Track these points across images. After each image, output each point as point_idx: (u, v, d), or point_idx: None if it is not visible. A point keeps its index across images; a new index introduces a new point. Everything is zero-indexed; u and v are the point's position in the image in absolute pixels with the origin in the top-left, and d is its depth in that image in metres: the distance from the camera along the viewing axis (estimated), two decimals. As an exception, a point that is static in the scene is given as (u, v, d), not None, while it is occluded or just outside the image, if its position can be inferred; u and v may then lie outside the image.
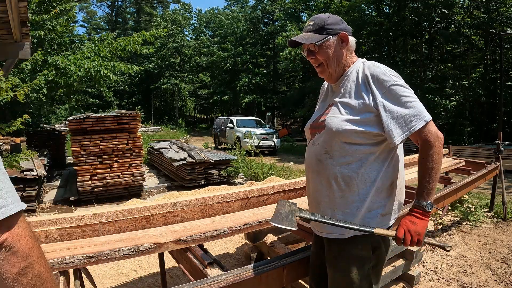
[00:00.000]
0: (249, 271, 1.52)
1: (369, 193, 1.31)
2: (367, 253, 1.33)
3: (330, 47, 1.38)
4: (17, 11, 3.51)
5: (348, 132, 1.29)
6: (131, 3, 42.47)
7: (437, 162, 1.25)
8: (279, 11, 26.66)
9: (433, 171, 1.25)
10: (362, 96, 1.29)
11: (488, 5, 13.79)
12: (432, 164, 1.25)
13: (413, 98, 1.27)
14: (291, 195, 2.69)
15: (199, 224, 1.97)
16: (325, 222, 1.27)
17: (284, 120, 32.39)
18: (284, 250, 2.23)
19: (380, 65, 1.34)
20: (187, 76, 31.35)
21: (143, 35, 8.28)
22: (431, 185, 1.26)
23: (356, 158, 1.30)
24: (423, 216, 1.26)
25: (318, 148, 1.39)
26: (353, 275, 1.32)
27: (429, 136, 1.25)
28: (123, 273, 2.98)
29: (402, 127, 1.25)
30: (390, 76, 1.28)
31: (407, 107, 1.25)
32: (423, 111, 1.26)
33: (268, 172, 7.77)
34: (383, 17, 16.80)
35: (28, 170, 5.58)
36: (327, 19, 1.39)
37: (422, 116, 1.24)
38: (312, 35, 1.38)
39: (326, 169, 1.35)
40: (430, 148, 1.25)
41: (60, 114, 26.89)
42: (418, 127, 1.24)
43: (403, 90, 1.27)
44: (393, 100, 1.26)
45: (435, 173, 1.25)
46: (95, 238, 1.79)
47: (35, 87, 6.76)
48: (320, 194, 1.39)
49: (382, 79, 1.28)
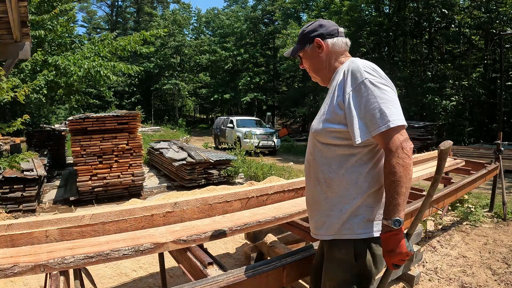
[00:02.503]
0: (249, 271, 1.52)
1: (352, 196, 1.23)
2: (350, 258, 1.24)
3: (309, 55, 1.42)
4: (17, 11, 3.51)
5: (323, 132, 1.26)
6: (131, 3, 42.45)
7: (401, 175, 1.10)
8: (279, 11, 26.66)
9: (396, 185, 1.10)
10: (339, 94, 1.23)
11: (488, 5, 13.79)
12: (395, 177, 1.10)
13: (383, 99, 1.13)
14: (291, 195, 2.69)
15: (199, 224, 1.97)
16: None
17: (284, 120, 32.40)
18: (284, 250, 2.23)
19: (363, 61, 1.25)
20: (187, 76, 31.35)
21: (143, 35, 8.28)
22: (397, 200, 1.11)
23: (336, 160, 1.25)
24: (390, 234, 1.13)
25: (307, 151, 1.42)
26: (338, 279, 1.28)
27: (390, 144, 1.11)
28: (123, 273, 2.98)
29: (363, 128, 1.15)
30: (363, 72, 1.18)
31: (373, 107, 1.13)
32: (391, 114, 1.11)
33: (268, 172, 7.77)
34: (383, 17, 16.79)
35: (28, 170, 5.58)
36: (306, 28, 1.43)
37: (387, 121, 1.11)
38: (294, 47, 1.45)
39: (312, 171, 1.35)
40: (391, 158, 1.11)
41: (60, 114, 26.88)
42: (379, 132, 1.12)
43: (374, 89, 1.15)
44: (360, 98, 1.16)
45: (399, 187, 1.10)
46: (95, 238, 1.79)
47: (35, 87, 6.77)
48: (310, 196, 1.40)
49: (355, 75, 1.19)
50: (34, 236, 1.69)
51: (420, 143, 12.52)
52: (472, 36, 15.77)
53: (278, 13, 26.43)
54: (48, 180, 7.73)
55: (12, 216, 5.12)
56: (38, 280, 2.73)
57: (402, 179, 1.10)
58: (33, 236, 1.68)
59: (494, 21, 13.64)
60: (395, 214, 1.12)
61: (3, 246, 1.61)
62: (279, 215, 2.12)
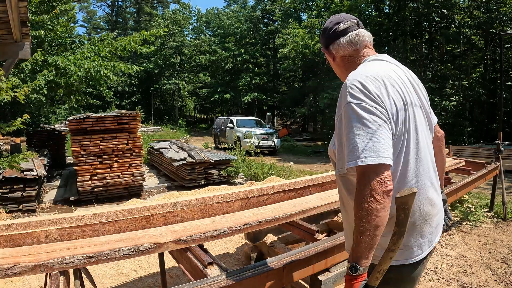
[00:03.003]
0: (249, 271, 1.52)
1: None
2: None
3: (330, 63, 1.35)
4: (17, 11, 3.51)
5: (330, 152, 1.22)
6: (131, 3, 42.44)
7: (361, 220, 0.95)
8: (279, 11, 26.67)
9: (356, 229, 0.96)
10: (336, 115, 1.14)
11: (488, 5, 13.79)
12: (355, 219, 0.97)
13: (359, 129, 0.99)
14: (291, 195, 2.69)
15: (199, 224, 1.97)
16: None
17: (284, 120, 32.40)
18: (284, 250, 2.23)
19: (363, 70, 1.12)
20: (187, 76, 31.36)
21: (143, 35, 8.29)
22: (356, 245, 0.97)
23: (344, 183, 1.17)
24: (347, 278, 1.00)
25: None
26: None
27: (359, 182, 0.98)
28: (123, 273, 2.98)
29: (342, 158, 1.05)
30: (347, 93, 1.05)
31: (348, 138, 1.01)
32: (363, 150, 0.97)
33: (268, 172, 7.77)
34: (383, 17, 16.80)
35: (28, 170, 5.59)
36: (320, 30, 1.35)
37: (356, 157, 0.97)
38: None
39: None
40: (357, 197, 0.97)
41: (60, 114, 26.87)
42: (348, 167, 1.00)
43: (353, 117, 1.01)
44: (343, 124, 1.05)
45: (358, 233, 0.96)
46: (95, 238, 1.79)
47: (35, 87, 6.77)
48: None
49: (342, 94, 1.08)
50: (34, 236, 1.69)
51: (420, 143, 12.49)
52: (472, 36, 15.77)
53: (278, 13, 26.43)
54: (48, 180, 7.73)
55: (12, 216, 5.12)
56: (38, 280, 2.73)
57: (362, 224, 0.95)
58: (33, 236, 1.69)
59: (494, 21, 13.63)
60: (352, 259, 0.99)
61: (3, 246, 1.61)
62: (279, 215, 2.12)
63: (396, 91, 1.10)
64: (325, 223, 3.13)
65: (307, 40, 16.69)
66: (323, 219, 3.14)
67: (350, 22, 1.24)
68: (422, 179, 1.13)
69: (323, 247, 1.83)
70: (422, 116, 1.18)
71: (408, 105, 1.11)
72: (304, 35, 16.97)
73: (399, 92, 1.10)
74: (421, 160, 1.13)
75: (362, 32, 1.24)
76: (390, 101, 1.06)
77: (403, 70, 1.22)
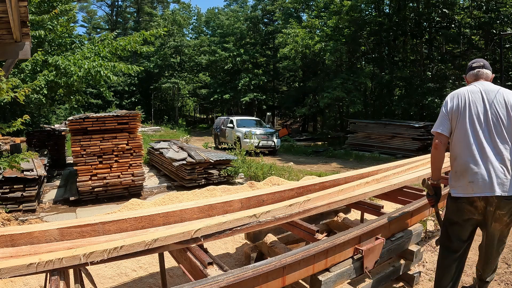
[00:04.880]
0: (249, 271, 1.52)
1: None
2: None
3: None
4: (17, 11, 3.51)
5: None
6: (131, 3, 42.44)
7: (430, 157, 2.49)
8: (279, 10, 26.65)
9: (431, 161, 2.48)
10: None
11: (489, 5, 13.78)
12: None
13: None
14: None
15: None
16: None
17: (284, 120, 32.39)
18: (284, 250, 2.23)
19: (460, 89, 2.26)
20: (187, 75, 31.35)
21: (143, 35, 8.28)
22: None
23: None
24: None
25: None
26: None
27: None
28: (123, 273, 2.98)
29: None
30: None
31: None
32: (434, 125, 2.25)
33: (268, 172, 7.76)
34: (383, 17, 16.78)
35: (28, 170, 5.59)
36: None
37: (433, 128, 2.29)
38: None
39: None
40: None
41: (60, 114, 26.86)
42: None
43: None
44: None
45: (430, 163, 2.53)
46: (95, 238, 1.79)
47: (35, 87, 6.77)
48: None
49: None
50: (34, 236, 1.69)
51: (420, 143, 12.52)
52: (472, 36, 15.77)
53: (278, 13, 26.41)
54: (48, 180, 7.73)
55: (12, 216, 5.13)
56: (38, 280, 2.73)
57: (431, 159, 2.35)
58: (33, 236, 1.69)
59: (494, 21, 13.63)
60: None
61: (3, 246, 1.61)
62: (279, 215, 2.12)
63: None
64: (325, 223, 3.13)
65: (307, 40, 16.66)
66: (323, 219, 3.14)
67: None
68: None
69: (323, 247, 1.83)
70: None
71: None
72: (304, 35, 16.94)
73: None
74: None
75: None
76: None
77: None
